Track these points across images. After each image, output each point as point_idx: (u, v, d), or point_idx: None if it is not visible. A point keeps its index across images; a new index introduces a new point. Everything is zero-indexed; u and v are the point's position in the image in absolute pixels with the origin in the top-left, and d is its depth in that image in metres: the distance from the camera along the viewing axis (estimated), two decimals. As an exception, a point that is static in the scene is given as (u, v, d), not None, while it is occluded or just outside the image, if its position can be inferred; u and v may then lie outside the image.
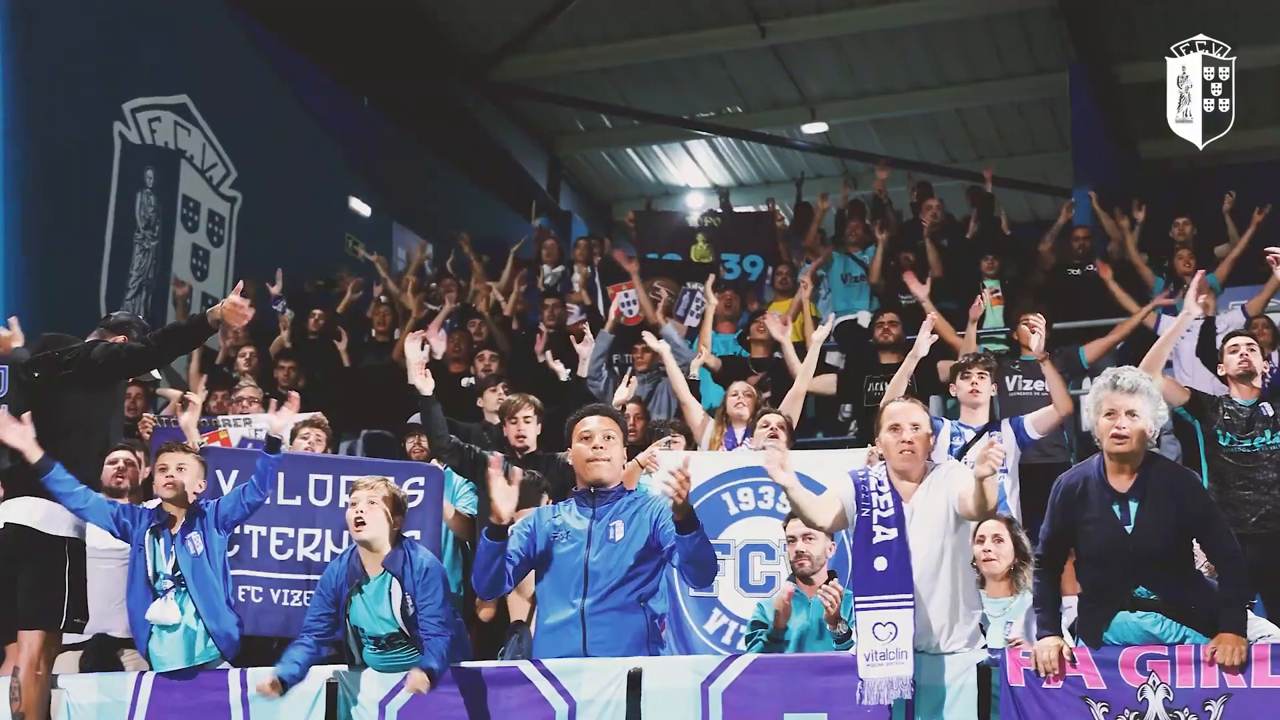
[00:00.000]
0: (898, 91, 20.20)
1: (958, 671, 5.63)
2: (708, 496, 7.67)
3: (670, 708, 5.89)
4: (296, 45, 17.40)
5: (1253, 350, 7.50)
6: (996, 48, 19.00)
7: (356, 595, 6.32)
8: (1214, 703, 5.27)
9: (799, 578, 6.65)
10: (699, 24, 19.06)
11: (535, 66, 20.25)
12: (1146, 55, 18.49)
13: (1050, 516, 5.67)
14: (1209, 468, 7.30)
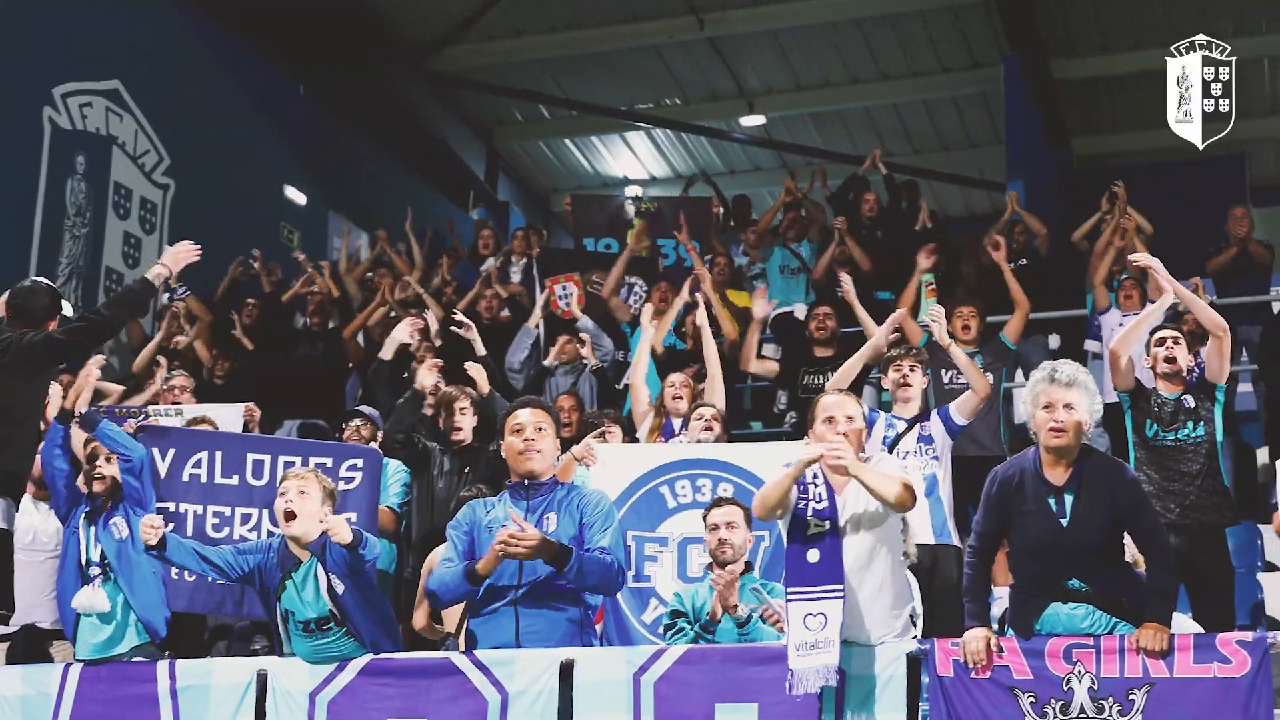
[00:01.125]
0: (835, 85, 20.25)
1: (887, 662, 5.67)
2: (647, 489, 7.71)
3: (602, 699, 5.89)
4: (232, 31, 17.22)
5: (1178, 344, 7.60)
6: (932, 42, 19.10)
7: (288, 581, 6.29)
8: (1138, 692, 5.35)
9: (719, 565, 6.69)
10: (638, 15, 19.04)
11: (474, 56, 20.15)
12: (1081, 52, 18.72)
13: (985, 508, 5.73)
14: (1136, 458, 7.40)
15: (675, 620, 6.56)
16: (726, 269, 13.44)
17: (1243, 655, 5.32)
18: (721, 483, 7.54)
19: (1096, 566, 5.52)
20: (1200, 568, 7.11)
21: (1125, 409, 7.59)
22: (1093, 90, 19.77)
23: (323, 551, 6.25)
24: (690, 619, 6.53)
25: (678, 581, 7.38)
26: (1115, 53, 18.70)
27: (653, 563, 7.60)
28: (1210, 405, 7.43)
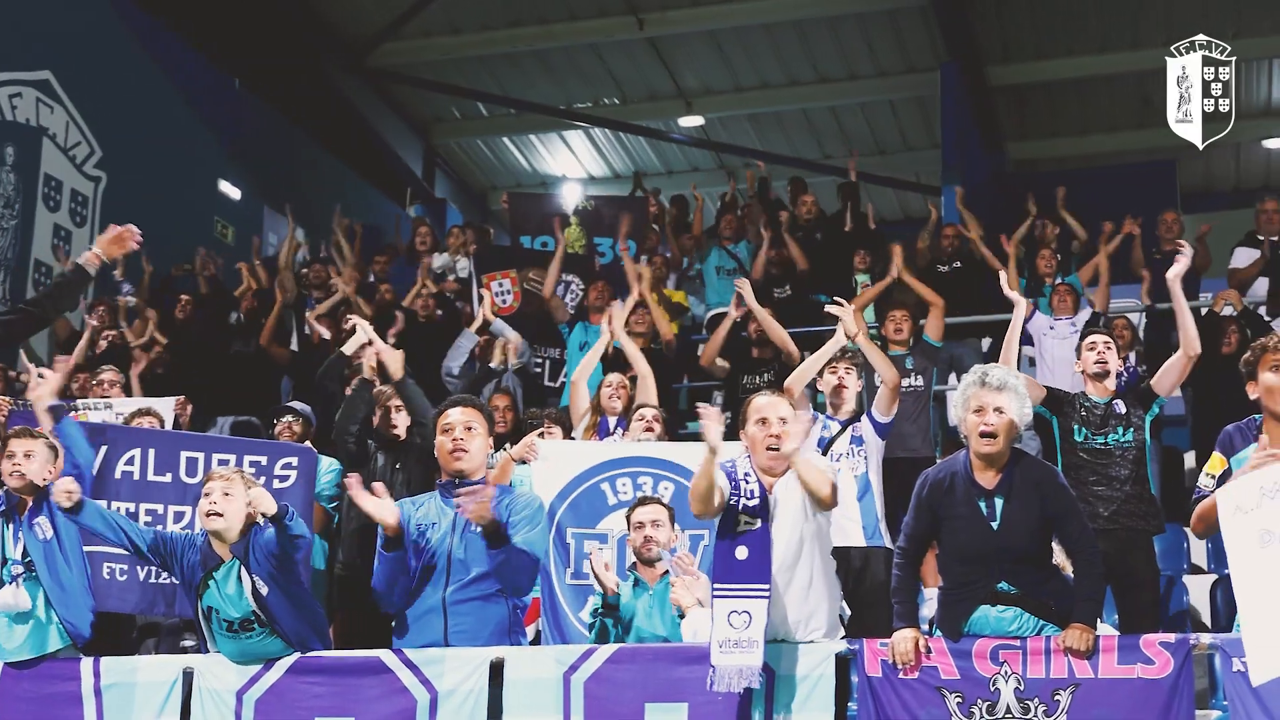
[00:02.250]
0: (773, 87, 20.33)
1: (816, 661, 5.69)
2: (587, 486, 7.73)
3: (532, 697, 5.88)
4: (166, 23, 17.06)
5: (1110, 349, 7.65)
6: (870, 46, 19.22)
7: (210, 580, 6.22)
8: (1063, 692, 5.39)
9: (642, 562, 6.74)
10: (577, 14, 19.04)
11: (412, 53, 20.08)
12: (1016, 58, 18.89)
13: (915, 510, 5.75)
14: (1064, 463, 7.43)
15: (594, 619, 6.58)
16: (663, 268, 13.48)
17: (1166, 657, 5.38)
18: (663, 481, 7.56)
19: (1025, 570, 5.56)
20: (1127, 572, 7.17)
21: (1049, 417, 7.64)
22: (1027, 96, 19.97)
23: (246, 554, 6.19)
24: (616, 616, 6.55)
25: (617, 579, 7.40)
26: (1049, 59, 18.88)
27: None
28: (1143, 414, 7.48)
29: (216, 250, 16.25)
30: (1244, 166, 21.26)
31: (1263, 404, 5.34)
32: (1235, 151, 20.94)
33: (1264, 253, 12.26)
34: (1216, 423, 5.65)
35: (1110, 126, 20.43)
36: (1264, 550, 4.92)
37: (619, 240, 13.33)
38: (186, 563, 6.32)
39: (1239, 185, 21.16)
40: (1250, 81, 19.26)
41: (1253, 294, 12.13)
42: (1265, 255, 12.23)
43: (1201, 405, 10.86)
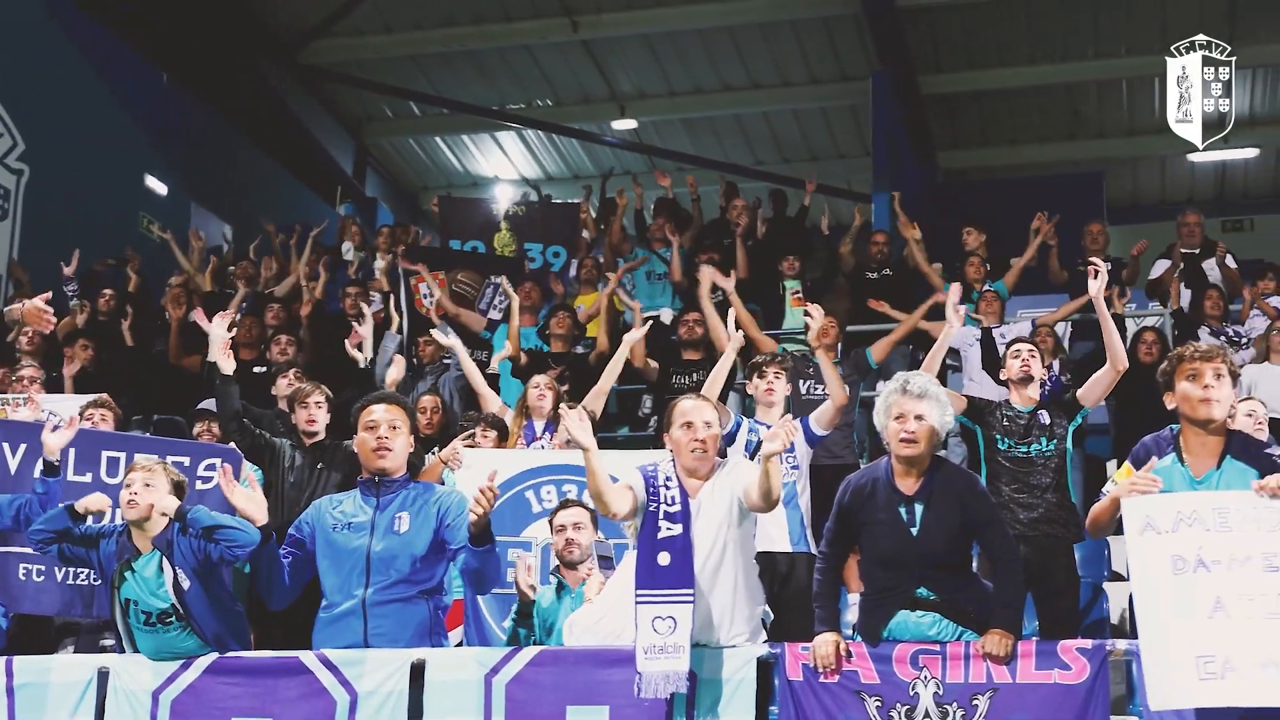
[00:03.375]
0: (707, 92, 20.37)
1: (737, 665, 5.70)
2: (512, 494, 7.72)
3: (453, 699, 5.85)
4: (93, 15, 16.83)
5: (1034, 356, 7.72)
6: (804, 53, 19.30)
7: (128, 571, 6.14)
8: (981, 697, 5.44)
9: (564, 566, 6.73)
10: (511, 15, 19.00)
11: (345, 50, 19.96)
12: (947, 68, 19.04)
13: (836, 516, 5.79)
14: (987, 470, 7.50)
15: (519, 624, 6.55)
16: (594, 271, 13.47)
17: (1082, 662, 5.44)
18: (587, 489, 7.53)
19: (945, 576, 5.61)
20: (1047, 579, 7.24)
21: (973, 426, 7.69)
22: (958, 106, 20.14)
23: (168, 546, 6.11)
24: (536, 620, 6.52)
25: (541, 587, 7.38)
26: (980, 69, 19.05)
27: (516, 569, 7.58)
28: (1066, 423, 7.55)
29: (141, 246, 16.05)
30: (1169, 180, 21.57)
31: (1180, 413, 5.40)
32: (1161, 165, 21.25)
33: (1174, 261, 12.42)
34: (1138, 431, 5.71)
35: (1040, 138, 20.65)
36: (1175, 577, 4.98)
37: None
38: (104, 553, 6.25)
39: (1164, 198, 21.46)
40: (1176, 96, 19.51)
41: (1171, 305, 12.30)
42: (1176, 264, 12.39)
43: (1124, 414, 10.97)
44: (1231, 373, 5.41)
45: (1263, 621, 4.88)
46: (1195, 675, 4.89)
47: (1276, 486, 4.98)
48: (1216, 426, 5.34)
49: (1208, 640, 4.91)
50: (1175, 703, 5.01)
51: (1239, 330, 11.34)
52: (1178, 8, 17.64)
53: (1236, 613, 4.90)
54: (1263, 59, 18.41)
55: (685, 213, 15.00)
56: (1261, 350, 10.67)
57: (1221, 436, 5.35)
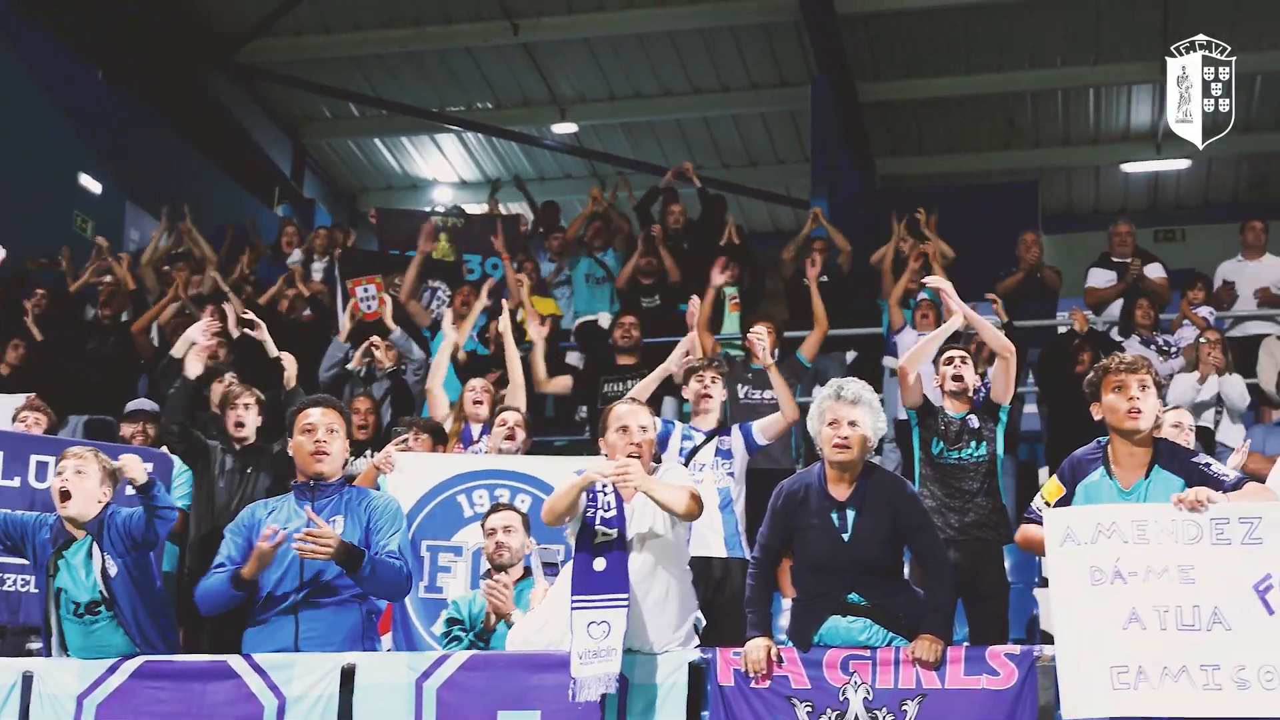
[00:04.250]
0: (647, 96, 20.38)
1: (670, 670, 5.72)
2: (443, 498, 7.71)
3: (383, 704, 5.83)
4: (25, 10, 16.62)
5: (965, 364, 7.78)
6: (743, 59, 19.35)
7: (60, 560, 6.08)
8: (910, 702, 5.48)
9: (495, 569, 6.73)
10: (451, 17, 18.93)
11: (283, 50, 19.80)
12: (886, 75, 19.16)
13: (770, 520, 5.81)
14: (920, 475, 7.56)
15: (451, 628, 6.53)
16: (534, 276, 13.46)
17: (1010, 668, 5.49)
18: (520, 494, 7.55)
19: (876, 581, 5.65)
20: (977, 583, 7.30)
21: (913, 425, 7.76)
22: (896, 113, 20.26)
23: (99, 530, 6.06)
24: (466, 626, 6.50)
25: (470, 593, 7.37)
26: (918, 78, 19.18)
27: (446, 573, 7.58)
28: (993, 425, 7.62)
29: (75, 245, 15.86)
30: (1103, 190, 21.78)
31: (1107, 423, 5.47)
32: (1095, 175, 21.47)
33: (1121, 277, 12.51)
34: (1071, 439, 5.79)
35: (976, 146, 20.81)
36: (1092, 588, 5.05)
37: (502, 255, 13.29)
38: (38, 541, 6.19)
39: (1098, 208, 21.67)
40: (1110, 107, 19.75)
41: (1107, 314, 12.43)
42: (1122, 279, 12.48)
43: (1057, 422, 11.08)
44: (1156, 383, 5.49)
45: (1176, 633, 4.96)
46: (1109, 685, 4.96)
47: (1194, 500, 5.05)
48: (1143, 437, 5.41)
49: (1122, 651, 4.98)
50: (1088, 712, 5.06)
51: (1169, 340, 11.48)
52: (1112, 21, 17.84)
53: (1151, 624, 4.97)
54: (1195, 71, 18.63)
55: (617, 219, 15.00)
56: (1190, 360, 10.81)
57: (1149, 447, 5.42)
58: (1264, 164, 20.86)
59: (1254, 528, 4.99)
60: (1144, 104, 19.60)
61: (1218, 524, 5.02)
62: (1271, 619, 4.91)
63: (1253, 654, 4.90)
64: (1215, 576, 4.98)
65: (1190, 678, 4.90)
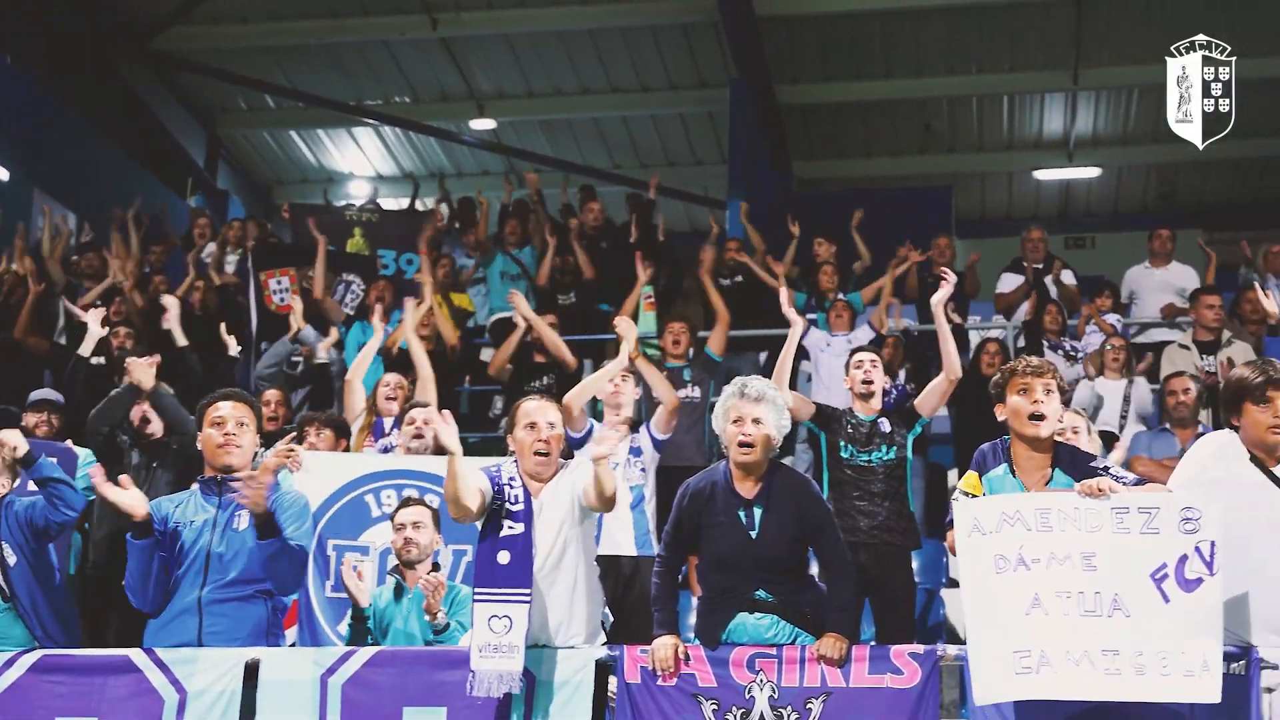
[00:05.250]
0: (566, 94, 20.38)
1: (576, 667, 5.72)
2: (350, 497, 7.68)
3: (287, 700, 5.78)
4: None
5: (875, 367, 7.84)
6: (663, 59, 19.40)
7: None
8: (815, 700, 5.52)
9: (403, 565, 6.69)
10: (369, 10, 18.83)
11: (199, 39, 19.57)
12: (804, 79, 19.27)
13: (675, 518, 5.82)
14: (829, 478, 7.61)
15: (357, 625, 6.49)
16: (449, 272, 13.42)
17: (914, 667, 5.55)
18: (429, 494, 7.50)
19: (782, 579, 5.68)
20: (885, 585, 7.38)
21: (818, 433, 7.80)
22: (814, 116, 20.40)
23: None
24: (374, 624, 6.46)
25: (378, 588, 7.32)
26: (836, 81, 19.31)
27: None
28: (906, 432, 7.70)
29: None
30: (1016, 196, 22.06)
31: (1009, 425, 5.54)
32: (1008, 181, 21.74)
33: (1028, 279, 12.72)
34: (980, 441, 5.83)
35: (892, 151, 20.99)
36: (998, 575, 5.14)
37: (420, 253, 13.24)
38: None
39: (1010, 214, 21.93)
40: (1024, 114, 20.00)
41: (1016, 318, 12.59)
42: (1029, 281, 12.69)
43: (965, 424, 11.20)
44: (1060, 388, 5.57)
45: (1078, 618, 5.05)
46: (1012, 669, 5.05)
47: (1097, 489, 5.14)
48: (1044, 441, 5.48)
49: (1025, 636, 5.06)
50: (995, 696, 5.16)
51: (1076, 345, 11.64)
52: (1026, 31, 18.09)
53: (1053, 609, 5.06)
54: (1106, 81, 18.95)
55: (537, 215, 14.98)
56: (1096, 365, 10.98)
57: (1049, 451, 5.50)
58: (1172, 174, 21.25)
59: (1152, 518, 5.09)
60: (1056, 112, 19.89)
61: (1118, 513, 5.11)
62: (1168, 607, 5.02)
63: (1150, 640, 5.00)
64: (1115, 564, 5.08)
65: (1091, 662, 5.00)
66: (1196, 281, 12.56)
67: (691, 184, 21.33)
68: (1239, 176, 21.16)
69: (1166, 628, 5.01)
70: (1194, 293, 11.55)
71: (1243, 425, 5.39)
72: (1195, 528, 5.05)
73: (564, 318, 11.76)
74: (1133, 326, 12.59)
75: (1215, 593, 5.02)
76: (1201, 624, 5.00)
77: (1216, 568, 5.01)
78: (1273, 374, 5.34)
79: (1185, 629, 5.00)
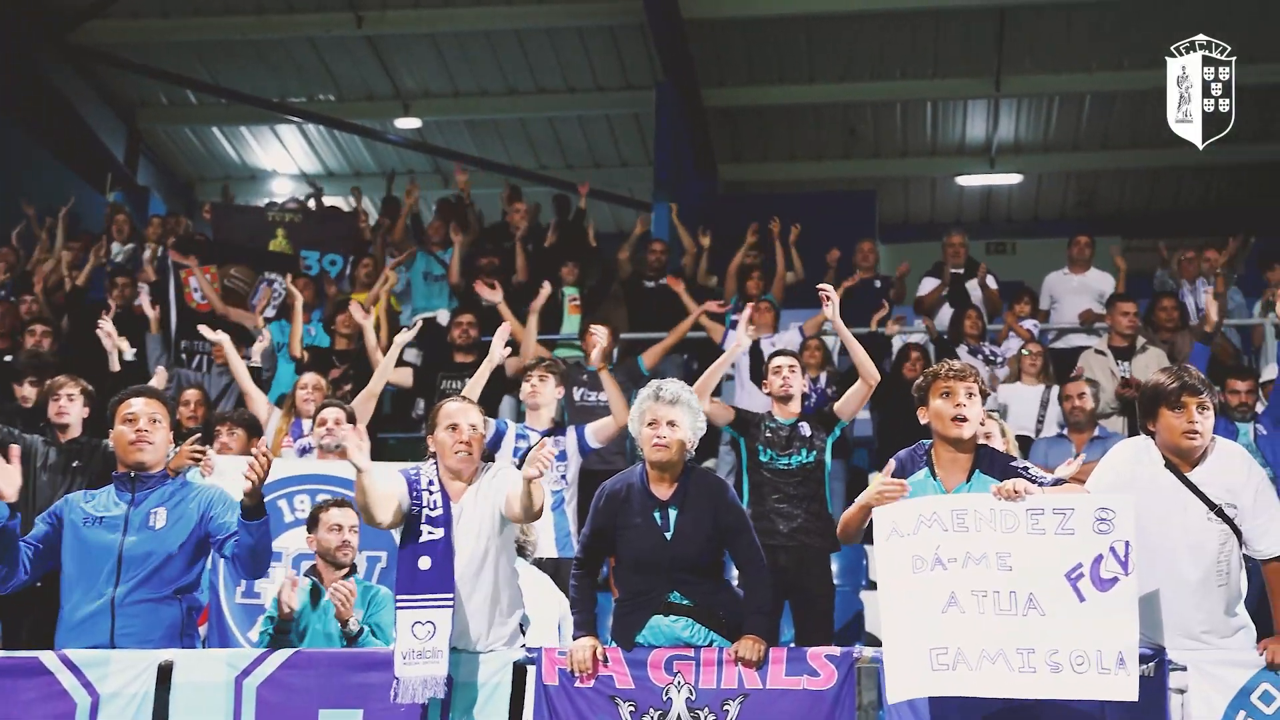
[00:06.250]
0: (492, 94, 20.29)
1: (494, 669, 5.72)
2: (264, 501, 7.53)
3: (201, 702, 5.74)
4: None
5: (794, 371, 7.90)
6: (589, 61, 19.38)
7: None
8: (732, 702, 5.55)
9: (335, 567, 6.70)
10: (294, 7, 18.65)
11: (119, 32, 19.29)
12: (730, 82, 19.32)
13: (592, 520, 5.84)
14: (749, 480, 7.66)
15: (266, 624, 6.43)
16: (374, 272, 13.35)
17: (830, 669, 5.60)
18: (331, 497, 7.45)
19: (697, 581, 5.70)
20: (804, 587, 7.43)
21: (738, 437, 7.84)
22: (740, 119, 20.45)
23: None
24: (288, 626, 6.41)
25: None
26: (762, 85, 19.37)
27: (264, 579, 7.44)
28: (825, 436, 7.76)
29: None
30: (938, 201, 22.24)
31: (932, 428, 5.59)
32: (931, 186, 21.92)
33: (944, 280, 12.84)
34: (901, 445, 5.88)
35: (817, 155, 21.08)
36: (915, 575, 5.19)
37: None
38: None
39: (934, 218, 22.10)
40: (947, 121, 20.17)
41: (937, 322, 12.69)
42: (945, 283, 12.81)
43: (886, 427, 11.29)
44: (982, 391, 5.63)
45: (993, 617, 5.11)
46: (929, 666, 5.11)
47: (1011, 490, 5.20)
48: (967, 443, 5.54)
49: (941, 634, 5.13)
50: (910, 693, 5.22)
51: (995, 350, 11.76)
52: (949, 38, 18.23)
53: (969, 608, 5.12)
54: (1027, 89, 19.15)
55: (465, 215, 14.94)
56: (1014, 370, 11.09)
57: (971, 453, 5.56)
58: (1091, 181, 21.52)
59: (1067, 519, 5.16)
60: (979, 119, 20.07)
61: (1033, 514, 5.18)
62: (1083, 606, 5.09)
63: (1065, 639, 5.07)
64: (1031, 564, 5.14)
65: (1007, 660, 5.06)
66: (1114, 287, 12.74)
67: (617, 186, 21.32)
68: (1156, 185, 21.47)
69: (1082, 626, 5.08)
70: (1110, 299, 11.70)
71: (1158, 430, 5.48)
72: (1109, 528, 5.12)
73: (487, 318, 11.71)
74: (1051, 332, 12.73)
75: (1131, 591, 5.10)
76: (1117, 622, 5.07)
77: (1131, 567, 5.09)
78: (1188, 380, 5.44)
79: (1101, 627, 5.07)
